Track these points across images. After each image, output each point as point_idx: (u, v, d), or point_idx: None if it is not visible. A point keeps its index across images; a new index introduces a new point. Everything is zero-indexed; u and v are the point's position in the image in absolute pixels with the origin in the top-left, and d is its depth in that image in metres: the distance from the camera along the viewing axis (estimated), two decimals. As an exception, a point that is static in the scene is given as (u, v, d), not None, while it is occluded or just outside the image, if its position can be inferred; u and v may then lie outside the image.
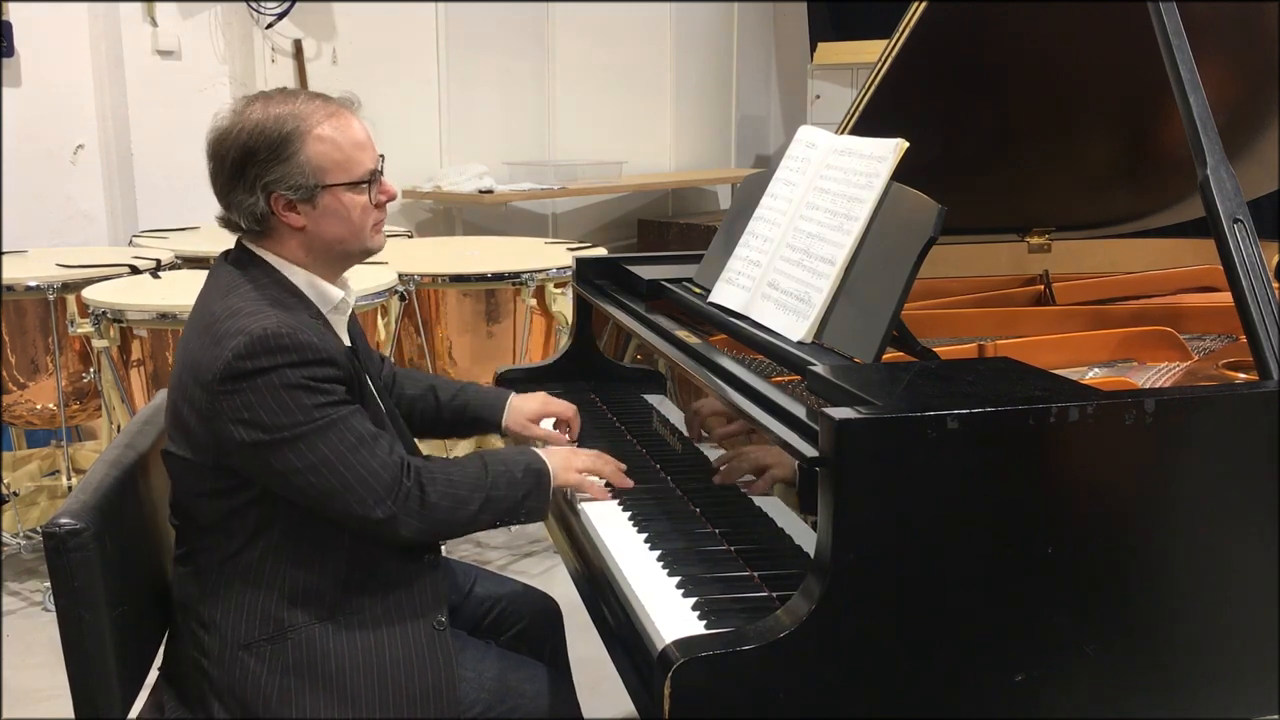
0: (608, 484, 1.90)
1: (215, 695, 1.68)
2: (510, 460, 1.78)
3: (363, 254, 1.78)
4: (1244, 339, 1.63)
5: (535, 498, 1.77)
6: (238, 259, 1.75)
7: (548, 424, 2.13)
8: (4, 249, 3.87)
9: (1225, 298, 1.78)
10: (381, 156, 1.76)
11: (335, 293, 1.76)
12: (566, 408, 2.13)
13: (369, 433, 1.64)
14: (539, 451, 1.83)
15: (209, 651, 1.69)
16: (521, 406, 2.12)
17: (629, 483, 1.90)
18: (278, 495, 1.65)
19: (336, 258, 1.76)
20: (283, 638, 1.67)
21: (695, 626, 1.45)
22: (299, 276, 1.73)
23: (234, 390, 1.58)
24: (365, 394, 1.74)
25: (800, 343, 1.79)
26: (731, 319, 1.97)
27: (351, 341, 1.82)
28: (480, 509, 1.71)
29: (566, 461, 1.84)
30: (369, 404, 1.74)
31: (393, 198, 1.79)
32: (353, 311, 1.86)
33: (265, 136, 1.66)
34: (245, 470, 1.64)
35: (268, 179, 1.66)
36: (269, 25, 4.93)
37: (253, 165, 1.66)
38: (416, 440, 2.07)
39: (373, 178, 1.73)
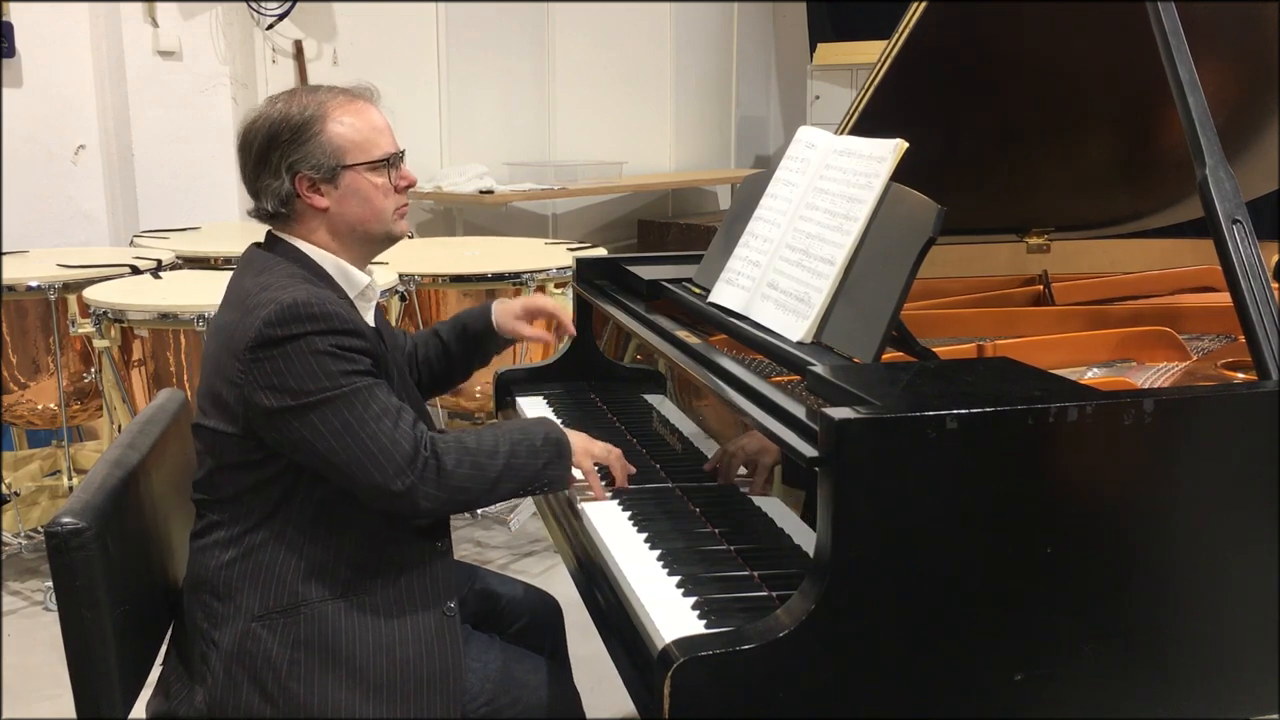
0: (606, 483, 1.91)
1: (223, 666, 1.69)
2: (529, 430, 1.80)
3: (385, 238, 1.84)
4: (1242, 339, 1.64)
5: (556, 466, 1.79)
6: (268, 245, 1.82)
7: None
8: (5, 249, 3.88)
9: (1224, 298, 1.78)
10: (403, 151, 1.84)
11: (361, 277, 1.83)
12: (547, 303, 2.23)
13: (393, 404, 1.69)
14: (558, 424, 1.86)
15: (221, 621, 1.70)
16: (508, 305, 2.22)
17: (628, 473, 1.90)
18: (302, 470, 1.69)
19: (360, 240, 1.82)
20: (296, 611, 1.70)
21: (695, 626, 1.45)
22: (327, 261, 1.80)
23: (265, 357, 1.64)
24: (390, 369, 1.79)
25: (800, 343, 1.79)
26: (731, 319, 1.97)
27: (377, 329, 1.86)
28: (500, 476, 1.73)
29: (586, 445, 1.87)
30: (393, 380, 1.79)
31: (412, 184, 1.86)
32: (379, 306, 1.91)
33: (288, 122, 1.75)
34: (272, 440, 1.68)
35: (291, 159, 1.74)
36: (269, 26, 4.94)
37: (276, 149, 1.74)
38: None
39: (391, 160, 1.80)
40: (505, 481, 1.74)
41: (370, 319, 1.84)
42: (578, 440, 1.85)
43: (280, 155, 1.74)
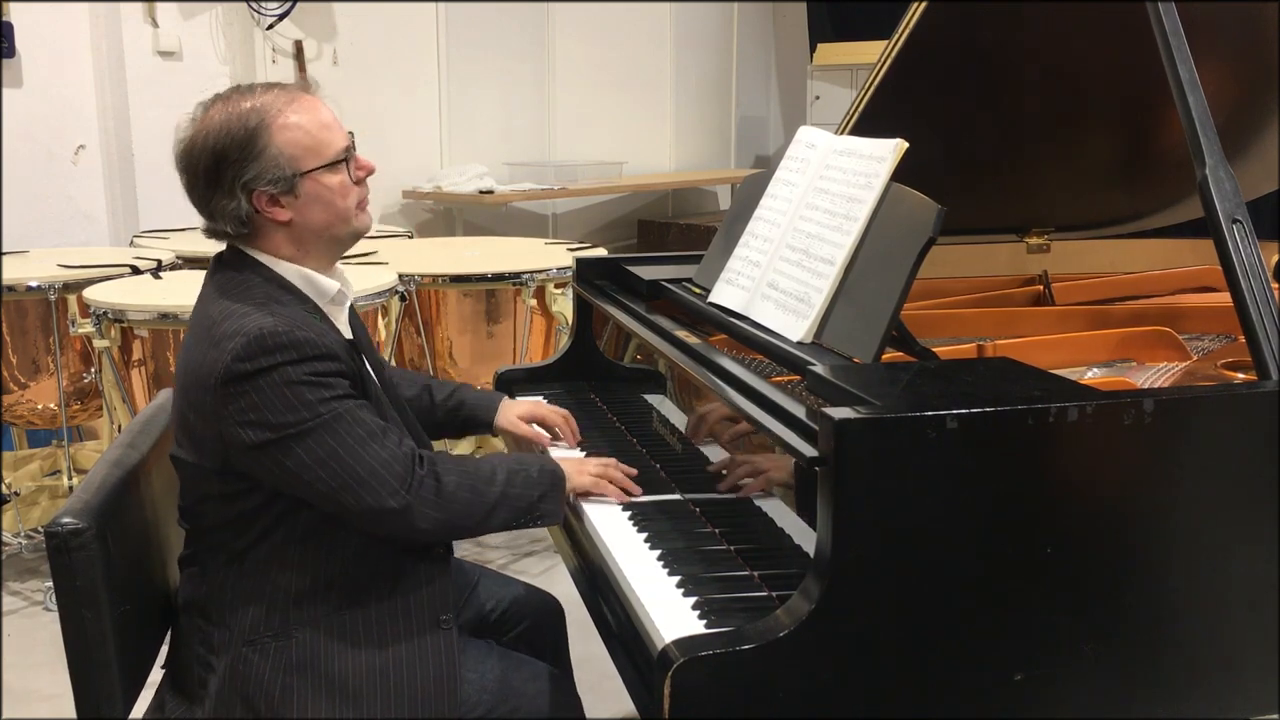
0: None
1: (218, 691, 1.68)
2: (526, 461, 1.78)
3: (351, 236, 1.77)
4: (1242, 339, 1.64)
5: (550, 500, 1.76)
6: (230, 261, 1.74)
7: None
8: (5, 249, 3.88)
9: (1224, 298, 1.78)
10: (351, 133, 1.75)
11: (330, 285, 1.75)
12: (555, 415, 2.15)
13: (377, 425, 1.65)
14: (553, 458, 1.83)
15: (214, 647, 1.69)
16: (513, 406, 2.16)
17: (637, 490, 1.88)
18: (286, 496, 1.65)
19: (326, 245, 1.75)
20: (287, 635, 1.68)
21: (695, 626, 1.45)
22: (291, 271, 1.72)
23: (237, 393, 1.58)
24: (368, 387, 1.74)
25: (800, 343, 1.79)
26: (731, 319, 1.97)
27: (354, 334, 1.82)
28: (497, 504, 1.70)
29: (579, 467, 1.85)
30: (372, 397, 1.74)
31: (371, 171, 1.76)
32: (353, 307, 1.86)
33: (231, 136, 1.64)
34: (256, 474, 1.64)
35: (245, 178, 1.65)
36: (270, 26, 4.93)
37: (227, 168, 1.65)
38: None
39: (347, 155, 1.72)
40: (501, 510, 1.70)
41: (344, 323, 1.79)
42: (570, 465, 1.83)
43: (233, 175, 1.64)
